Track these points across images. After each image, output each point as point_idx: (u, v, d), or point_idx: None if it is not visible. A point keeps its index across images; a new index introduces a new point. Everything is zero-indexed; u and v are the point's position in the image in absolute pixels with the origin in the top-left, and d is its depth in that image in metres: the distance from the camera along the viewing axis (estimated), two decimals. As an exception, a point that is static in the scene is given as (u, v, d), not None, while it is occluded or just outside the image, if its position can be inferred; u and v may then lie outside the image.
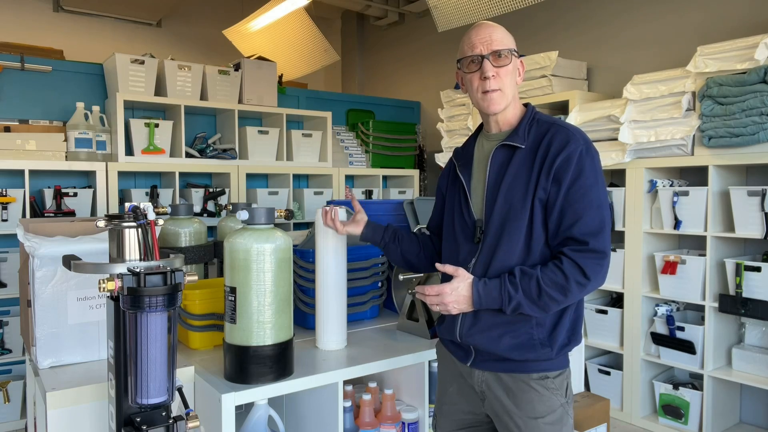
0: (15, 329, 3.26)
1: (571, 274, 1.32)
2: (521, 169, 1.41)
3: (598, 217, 1.35)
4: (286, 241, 1.52)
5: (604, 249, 1.34)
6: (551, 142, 1.39)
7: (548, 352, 1.40)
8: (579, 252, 1.33)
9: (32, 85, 3.58)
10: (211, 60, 5.06)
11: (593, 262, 1.33)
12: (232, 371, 1.49)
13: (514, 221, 1.39)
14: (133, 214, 1.23)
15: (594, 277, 1.33)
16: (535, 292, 1.33)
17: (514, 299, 1.34)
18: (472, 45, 1.45)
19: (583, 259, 1.32)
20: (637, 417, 3.31)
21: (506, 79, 1.44)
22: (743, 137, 2.78)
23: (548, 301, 1.33)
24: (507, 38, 1.46)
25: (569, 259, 1.33)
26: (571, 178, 1.35)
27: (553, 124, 1.44)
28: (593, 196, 1.36)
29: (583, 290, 1.34)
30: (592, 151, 1.40)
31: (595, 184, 1.36)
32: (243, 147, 4.04)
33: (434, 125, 4.75)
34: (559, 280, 1.33)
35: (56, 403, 1.42)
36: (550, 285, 1.33)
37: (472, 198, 1.49)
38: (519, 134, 1.44)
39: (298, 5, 4.45)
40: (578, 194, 1.35)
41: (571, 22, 4.17)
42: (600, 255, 1.34)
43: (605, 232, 1.36)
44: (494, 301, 1.37)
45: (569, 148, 1.37)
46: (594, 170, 1.37)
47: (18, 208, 3.24)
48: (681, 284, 3.10)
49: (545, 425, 1.40)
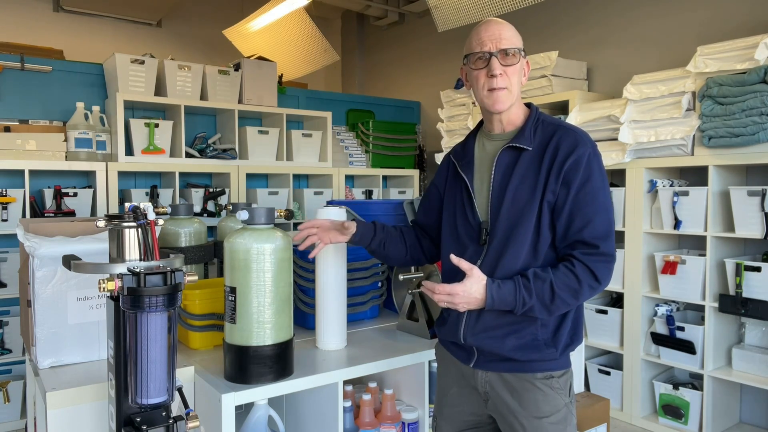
0: (15, 329, 3.26)
1: (584, 278, 1.33)
2: (528, 172, 1.40)
3: (606, 220, 1.37)
4: (286, 241, 1.52)
5: (612, 252, 1.37)
6: (559, 145, 1.39)
7: (552, 352, 1.40)
8: (590, 255, 1.34)
9: (32, 85, 3.58)
10: (211, 60, 5.05)
11: (604, 266, 1.34)
12: (232, 371, 1.48)
13: (522, 223, 1.39)
14: (133, 214, 1.23)
15: (604, 281, 1.35)
16: (548, 297, 1.34)
17: (528, 303, 1.34)
18: (480, 41, 1.44)
19: (594, 263, 1.34)
20: (637, 417, 3.31)
21: (513, 78, 1.44)
22: (743, 137, 2.78)
23: (560, 304, 1.34)
24: (516, 37, 1.46)
25: (581, 263, 1.34)
26: (581, 181, 1.36)
27: (560, 126, 1.43)
28: (602, 199, 1.37)
29: (593, 293, 1.36)
30: (598, 154, 1.41)
31: (602, 187, 1.38)
32: (243, 147, 4.04)
33: (434, 125, 4.75)
34: (572, 284, 1.33)
35: (56, 403, 1.41)
36: (564, 289, 1.33)
37: (477, 199, 1.48)
38: (525, 136, 1.43)
39: (298, 5, 4.45)
40: (588, 198, 1.36)
41: (572, 22, 4.16)
42: (609, 258, 1.36)
43: (613, 235, 1.38)
44: (507, 304, 1.36)
45: (578, 152, 1.37)
46: (601, 173, 1.39)
47: (18, 208, 3.24)
48: (681, 284, 3.10)
49: (550, 425, 1.40)
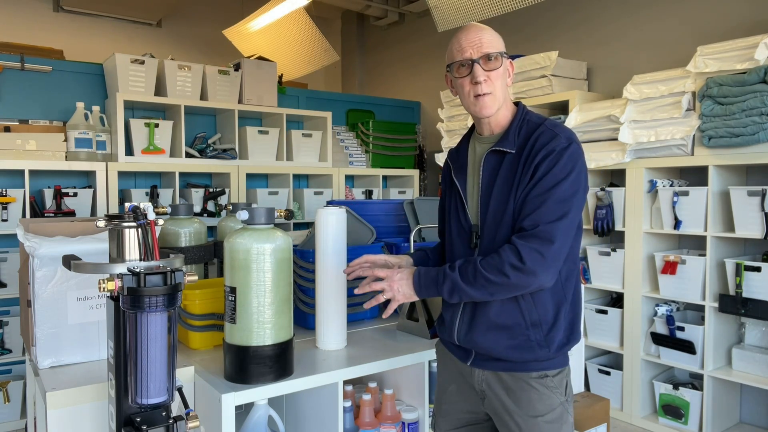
0: (15, 329, 3.26)
1: (506, 257, 1.32)
2: (509, 174, 1.41)
3: (557, 209, 1.32)
4: (286, 241, 1.52)
5: (551, 237, 1.31)
6: (535, 143, 1.38)
7: (546, 353, 1.40)
8: (521, 237, 1.33)
9: (32, 85, 3.58)
10: (211, 60, 5.05)
11: (532, 247, 1.30)
12: (232, 371, 1.48)
13: (505, 226, 1.39)
14: (133, 214, 1.23)
15: (530, 263, 1.29)
16: (471, 273, 1.35)
17: (449, 277, 1.37)
18: (461, 49, 1.43)
19: (522, 242, 1.31)
20: (637, 417, 3.31)
21: (497, 82, 1.43)
22: (743, 137, 2.78)
23: (484, 282, 1.33)
24: (496, 40, 1.44)
25: (509, 244, 1.34)
26: (542, 173, 1.34)
27: (542, 125, 1.42)
28: (558, 190, 1.33)
29: (522, 275, 1.30)
30: (574, 148, 1.37)
31: (564, 179, 1.33)
32: (243, 147, 4.04)
33: (434, 125, 4.75)
34: (494, 262, 1.33)
35: (56, 403, 1.42)
36: (486, 266, 1.33)
37: (469, 203, 1.49)
38: (509, 139, 1.43)
39: (298, 5, 4.45)
40: (543, 188, 1.34)
41: (572, 22, 4.16)
42: (544, 241, 1.30)
43: (560, 223, 1.32)
44: (432, 281, 1.40)
45: (550, 146, 1.36)
46: (567, 166, 1.34)
47: (18, 208, 3.24)
48: (681, 284, 3.10)
49: (545, 423, 1.40)
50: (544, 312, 1.40)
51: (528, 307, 1.39)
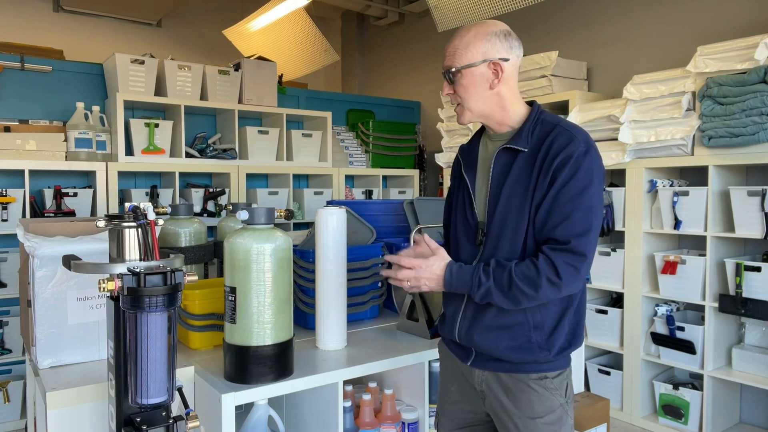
0: (15, 329, 3.26)
1: (544, 271, 1.30)
2: (523, 173, 1.39)
3: (585, 220, 1.32)
4: (286, 241, 1.52)
5: (584, 251, 1.31)
6: (552, 144, 1.36)
7: (546, 355, 1.39)
8: (556, 251, 1.31)
9: (32, 85, 3.58)
10: (211, 60, 5.05)
11: (568, 263, 1.30)
12: (232, 371, 1.48)
13: (515, 225, 1.38)
14: (133, 214, 1.23)
15: (566, 278, 1.30)
16: (506, 283, 1.32)
17: (484, 285, 1.34)
18: (444, 56, 1.46)
19: (558, 258, 1.30)
20: (637, 417, 3.31)
21: (465, 94, 1.43)
22: (743, 137, 2.78)
23: (518, 294, 1.32)
24: (466, 49, 1.41)
25: (545, 257, 1.32)
26: (565, 178, 1.33)
27: (557, 126, 1.40)
28: (584, 198, 1.32)
29: (554, 289, 1.31)
30: (592, 154, 1.36)
31: (588, 186, 1.33)
32: (243, 147, 4.04)
33: (434, 125, 4.75)
34: (531, 274, 1.31)
35: (56, 403, 1.41)
36: (522, 278, 1.31)
37: (476, 200, 1.48)
38: (522, 137, 1.41)
39: (298, 5, 4.45)
40: (568, 195, 1.32)
41: (572, 22, 4.16)
42: (578, 257, 1.30)
43: (590, 235, 1.32)
44: (465, 284, 1.37)
45: (568, 150, 1.34)
46: (590, 173, 1.34)
47: (18, 208, 3.24)
48: (681, 284, 3.10)
49: (544, 425, 1.40)
50: (547, 315, 1.39)
51: (532, 308, 1.38)
